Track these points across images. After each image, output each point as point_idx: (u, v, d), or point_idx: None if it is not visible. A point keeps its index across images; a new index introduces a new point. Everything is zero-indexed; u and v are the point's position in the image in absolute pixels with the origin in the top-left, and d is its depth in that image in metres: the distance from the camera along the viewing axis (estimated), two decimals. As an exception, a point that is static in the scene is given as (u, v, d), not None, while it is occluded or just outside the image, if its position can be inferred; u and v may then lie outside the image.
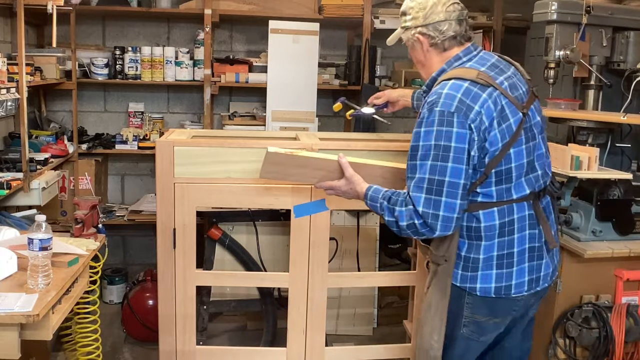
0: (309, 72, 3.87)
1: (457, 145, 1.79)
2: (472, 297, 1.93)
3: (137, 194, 4.47)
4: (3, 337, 1.84)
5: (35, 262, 1.95)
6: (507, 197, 1.89)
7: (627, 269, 2.62)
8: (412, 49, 2.05)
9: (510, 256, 1.91)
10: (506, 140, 1.84)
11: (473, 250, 1.91)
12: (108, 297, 4.13)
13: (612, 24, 3.13)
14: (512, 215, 1.90)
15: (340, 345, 3.30)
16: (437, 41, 1.97)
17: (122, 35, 4.34)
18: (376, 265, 3.71)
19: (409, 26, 2.01)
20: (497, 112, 1.83)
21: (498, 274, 1.91)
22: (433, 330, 1.97)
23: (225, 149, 2.36)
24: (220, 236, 2.96)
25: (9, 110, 2.92)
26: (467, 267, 1.92)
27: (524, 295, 1.94)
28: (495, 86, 1.85)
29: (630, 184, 2.71)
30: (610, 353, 2.53)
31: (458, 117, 1.78)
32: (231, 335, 3.69)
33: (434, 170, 1.79)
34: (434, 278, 1.98)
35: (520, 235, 1.91)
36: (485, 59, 1.97)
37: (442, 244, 1.92)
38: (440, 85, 1.87)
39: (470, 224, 1.90)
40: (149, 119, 4.32)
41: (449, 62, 1.97)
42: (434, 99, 1.83)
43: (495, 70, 1.92)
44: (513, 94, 1.89)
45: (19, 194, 3.06)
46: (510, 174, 1.87)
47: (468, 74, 1.87)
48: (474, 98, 1.81)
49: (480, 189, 1.87)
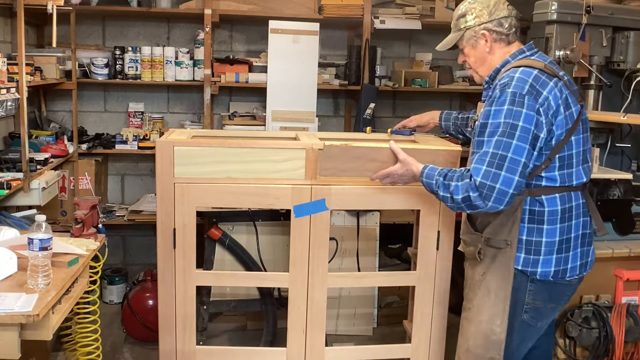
0: (309, 72, 3.87)
1: (524, 125, 1.90)
2: (534, 284, 2.03)
3: (137, 194, 4.47)
4: (3, 337, 1.84)
5: (35, 262, 1.95)
6: (569, 182, 2.02)
7: (627, 269, 2.62)
8: (474, 47, 2.17)
9: (568, 241, 2.03)
10: (569, 127, 1.98)
11: (535, 234, 2.01)
12: (108, 297, 4.13)
13: (612, 24, 3.13)
14: (571, 202, 2.03)
15: (340, 345, 3.30)
16: (502, 36, 2.12)
17: (122, 35, 4.34)
18: (376, 265, 3.71)
19: (471, 25, 2.14)
20: (562, 100, 1.97)
21: (557, 258, 2.02)
22: (495, 315, 2.05)
23: (225, 149, 2.36)
24: (220, 236, 2.96)
25: (9, 110, 2.92)
26: (529, 251, 2.02)
27: (575, 278, 2.08)
28: (559, 77, 2.01)
29: (630, 184, 2.71)
30: (610, 353, 2.53)
31: (529, 99, 1.91)
32: (231, 335, 3.69)
33: (498, 145, 1.90)
34: (492, 263, 2.05)
35: (577, 221, 2.05)
36: (545, 57, 2.12)
37: (503, 228, 2.01)
38: (512, 70, 2.00)
39: (533, 207, 2.01)
40: (149, 119, 4.32)
41: (513, 55, 2.11)
42: (506, 81, 1.97)
43: (555, 67, 2.08)
44: (572, 88, 2.06)
45: (19, 194, 3.06)
46: (571, 159, 2.01)
47: (536, 64, 2.02)
48: (543, 84, 1.96)
49: (544, 173, 1.99)
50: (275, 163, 2.37)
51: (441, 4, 4.21)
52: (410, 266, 2.92)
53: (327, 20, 4.06)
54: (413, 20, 4.15)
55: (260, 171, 2.37)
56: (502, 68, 2.11)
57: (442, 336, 2.59)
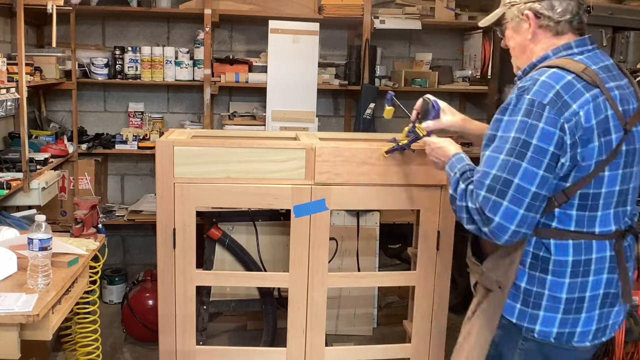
0: (309, 72, 3.87)
1: (539, 144, 1.51)
2: (528, 342, 1.67)
3: (137, 194, 4.47)
4: (3, 337, 1.84)
5: (35, 262, 1.95)
6: (588, 228, 1.61)
7: (627, 269, 2.61)
8: (516, 30, 1.72)
9: (580, 301, 1.63)
10: (602, 158, 1.55)
11: (536, 284, 1.63)
12: (108, 297, 4.13)
13: (612, 24, 3.13)
14: (590, 254, 1.61)
15: (340, 345, 3.30)
16: (551, 22, 1.66)
17: (122, 35, 4.34)
18: (376, 265, 3.71)
19: (517, 1, 1.70)
20: (598, 121, 1.54)
21: (563, 319, 1.63)
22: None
23: (225, 149, 2.36)
24: (220, 236, 2.95)
25: (8, 110, 2.92)
26: (527, 302, 1.65)
27: (587, 346, 1.67)
28: (602, 89, 1.56)
29: (631, 184, 2.71)
30: (610, 353, 2.52)
31: (550, 111, 1.51)
32: (231, 335, 3.69)
33: (503, 167, 1.53)
34: (481, 304, 1.75)
35: (595, 278, 1.63)
36: (600, 58, 1.67)
37: (499, 266, 1.68)
38: (539, 72, 1.60)
39: (537, 251, 1.63)
40: (149, 119, 4.32)
41: (557, 50, 1.67)
42: (527, 85, 1.57)
43: (608, 74, 1.62)
44: (622, 107, 1.59)
45: (18, 194, 3.06)
46: (597, 200, 1.59)
47: (574, 66, 1.58)
48: (575, 95, 1.53)
49: (558, 211, 1.60)
50: (275, 163, 2.37)
51: (441, 4, 4.21)
52: (410, 266, 2.92)
53: (327, 20, 4.06)
54: (413, 20, 4.16)
55: (260, 171, 2.37)
56: (539, 63, 1.67)
57: (442, 336, 2.59)
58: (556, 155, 1.53)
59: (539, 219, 1.60)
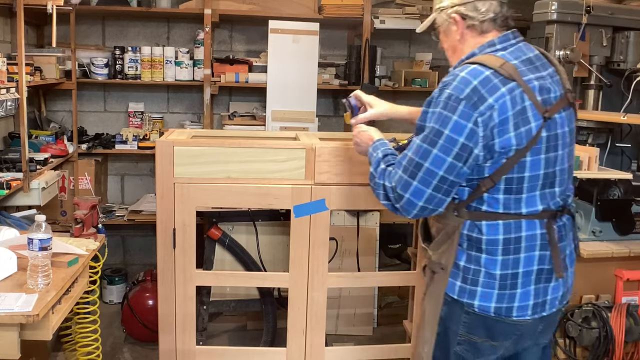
0: (309, 72, 3.87)
1: (450, 134, 1.65)
2: (469, 316, 1.78)
3: (137, 194, 4.47)
4: (3, 337, 1.84)
5: (35, 262, 1.95)
6: (515, 209, 1.73)
7: (627, 269, 2.62)
8: (446, 33, 1.87)
9: (514, 277, 1.75)
10: (523, 146, 1.68)
11: (473, 262, 1.76)
12: (108, 297, 4.13)
13: (612, 24, 3.14)
14: (519, 232, 1.74)
15: (340, 345, 3.30)
16: (475, 22, 1.78)
17: (122, 35, 4.34)
18: (376, 265, 3.71)
19: (444, 6, 1.83)
20: (515, 112, 1.66)
21: (500, 294, 1.75)
22: (424, 341, 1.88)
23: (225, 149, 2.36)
24: (220, 236, 2.95)
25: (8, 110, 2.92)
26: (466, 279, 1.77)
27: (527, 320, 1.78)
28: (519, 82, 1.68)
29: (630, 184, 2.71)
30: (610, 353, 2.52)
31: (465, 105, 1.64)
32: (231, 335, 3.69)
33: (417, 151, 1.70)
34: (429, 286, 1.88)
35: (527, 255, 1.75)
36: (523, 51, 1.78)
37: (440, 249, 1.82)
38: (461, 68, 1.72)
39: (471, 233, 1.76)
40: (149, 119, 4.32)
41: (482, 47, 1.79)
42: (448, 80, 1.71)
43: (529, 67, 1.74)
44: (541, 96, 1.71)
45: (18, 194, 3.06)
46: (522, 184, 1.71)
47: (493, 62, 1.70)
48: (491, 90, 1.65)
49: (487, 196, 1.73)
50: (275, 163, 2.37)
51: (441, 4, 4.21)
52: (410, 266, 2.92)
53: (327, 20, 4.06)
54: (413, 20, 4.15)
55: (260, 171, 2.37)
56: (466, 59, 1.80)
57: (442, 336, 2.59)
58: (467, 147, 1.66)
59: (472, 204, 1.75)
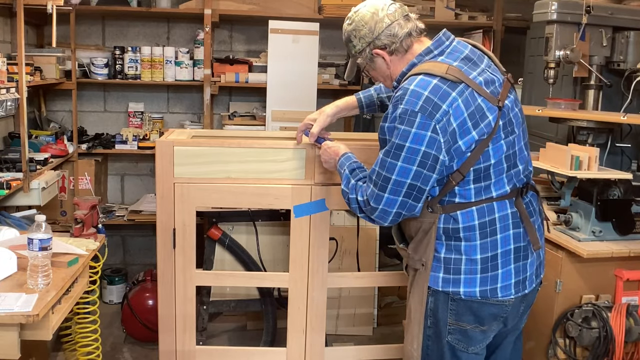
0: (309, 72, 3.87)
1: (411, 145, 1.73)
2: (456, 303, 1.84)
3: (137, 194, 4.47)
4: (3, 337, 1.84)
5: (35, 262, 1.95)
6: (486, 195, 1.82)
7: (627, 269, 2.62)
8: (375, 68, 1.95)
9: (494, 258, 1.82)
10: (484, 138, 1.76)
11: (453, 251, 1.83)
12: (108, 297, 4.13)
13: (612, 24, 3.13)
14: (492, 215, 1.82)
15: (340, 345, 3.30)
16: (396, 45, 1.87)
17: (122, 35, 4.34)
18: (376, 265, 3.71)
19: (360, 49, 1.91)
20: (470, 112, 1.74)
21: (483, 277, 1.82)
22: (413, 338, 1.92)
23: (225, 149, 2.36)
24: (220, 236, 2.96)
25: (8, 110, 2.92)
26: (448, 270, 1.84)
27: (511, 299, 1.86)
28: (467, 82, 1.76)
29: (630, 184, 2.71)
30: (610, 353, 2.52)
31: (422, 117, 1.71)
32: (231, 335, 3.69)
33: (383, 165, 1.79)
34: (413, 283, 1.93)
35: (503, 235, 1.83)
36: (459, 50, 1.86)
37: (419, 247, 1.88)
38: (408, 81, 1.78)
39: (447, 225, 1.83)
40: (149, 119, 4.32)
41: (419, 56, 1.86)
42: (399, 95, 1.77)
43: (468, 64, 1.82)
44: (488, 89, 1.80)
45: (18, 194, 3.06)
46: (489, 170, 1.80)
47: (438, 68, 1.77)
48: (443, 96, 1.72)
49: (458, 189, 1.81)
50: (275, 163, 2.37)
51: (441, 4, 4.21)
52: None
53: (327, 20, 4.06)
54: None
55: (260, 171, 2.37)
56: (407, 72, 1.86)
57: (442, 336, 2.59)
58: (429, 154, 1.74)
59: (444, 198, 1.83)
